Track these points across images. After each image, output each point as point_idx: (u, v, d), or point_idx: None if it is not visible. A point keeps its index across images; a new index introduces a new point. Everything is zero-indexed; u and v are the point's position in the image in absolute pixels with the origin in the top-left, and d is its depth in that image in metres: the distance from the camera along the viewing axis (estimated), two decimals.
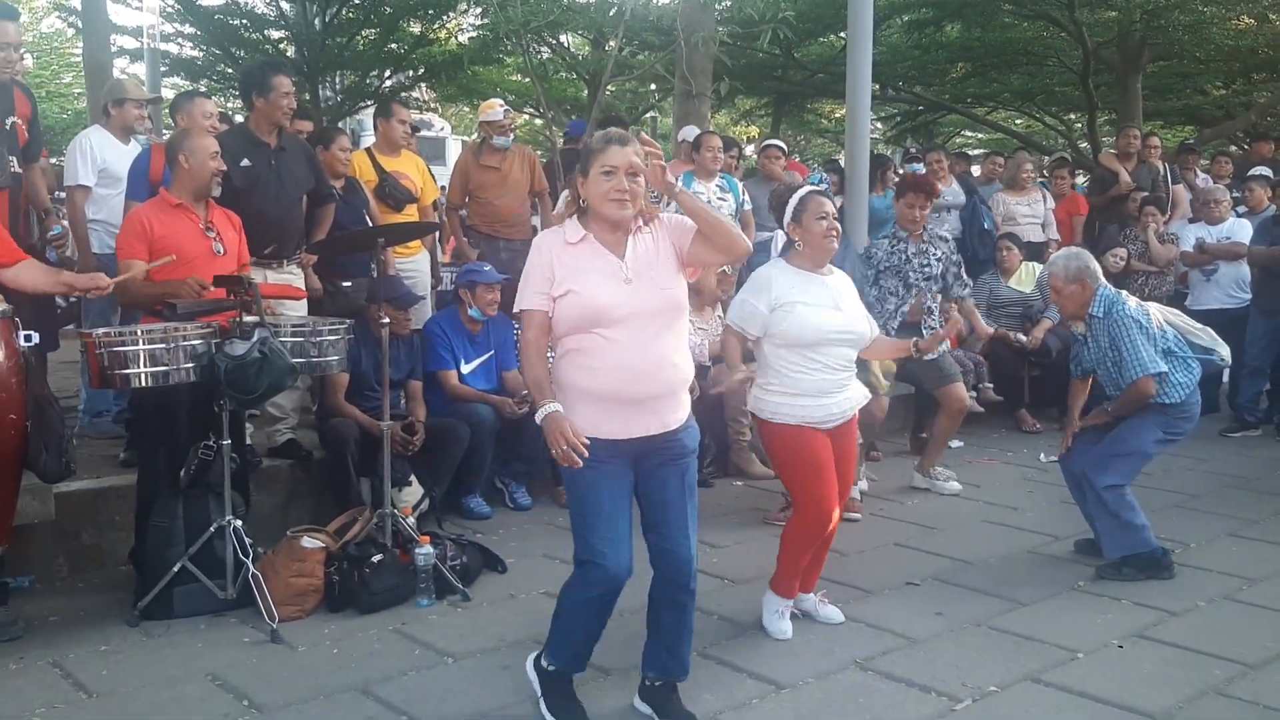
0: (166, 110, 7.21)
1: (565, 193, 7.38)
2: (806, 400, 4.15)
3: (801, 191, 4.31)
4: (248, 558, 4.37)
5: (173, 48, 14.74)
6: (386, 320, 4.84)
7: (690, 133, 8.19)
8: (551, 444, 3.17)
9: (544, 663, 3.54)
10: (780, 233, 5.14)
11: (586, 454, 3.16)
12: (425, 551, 4.56)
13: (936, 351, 4.80)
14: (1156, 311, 5.09)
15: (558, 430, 3.16)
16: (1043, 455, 7.25)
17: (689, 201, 3.27)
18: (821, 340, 4.15)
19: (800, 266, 4.26)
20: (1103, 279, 5.08)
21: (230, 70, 13.96)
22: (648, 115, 20.99)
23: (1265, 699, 3.69)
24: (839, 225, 4.28)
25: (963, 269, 6.46)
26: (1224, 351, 5.17)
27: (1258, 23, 14.90)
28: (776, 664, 3.97)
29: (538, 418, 3.22)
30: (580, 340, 3.25)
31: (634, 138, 3.32)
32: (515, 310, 3.37)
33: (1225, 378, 8.05)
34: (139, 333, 4.18)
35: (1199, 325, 5.21)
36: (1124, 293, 5.11)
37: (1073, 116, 19.17)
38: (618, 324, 3.22)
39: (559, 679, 3.52)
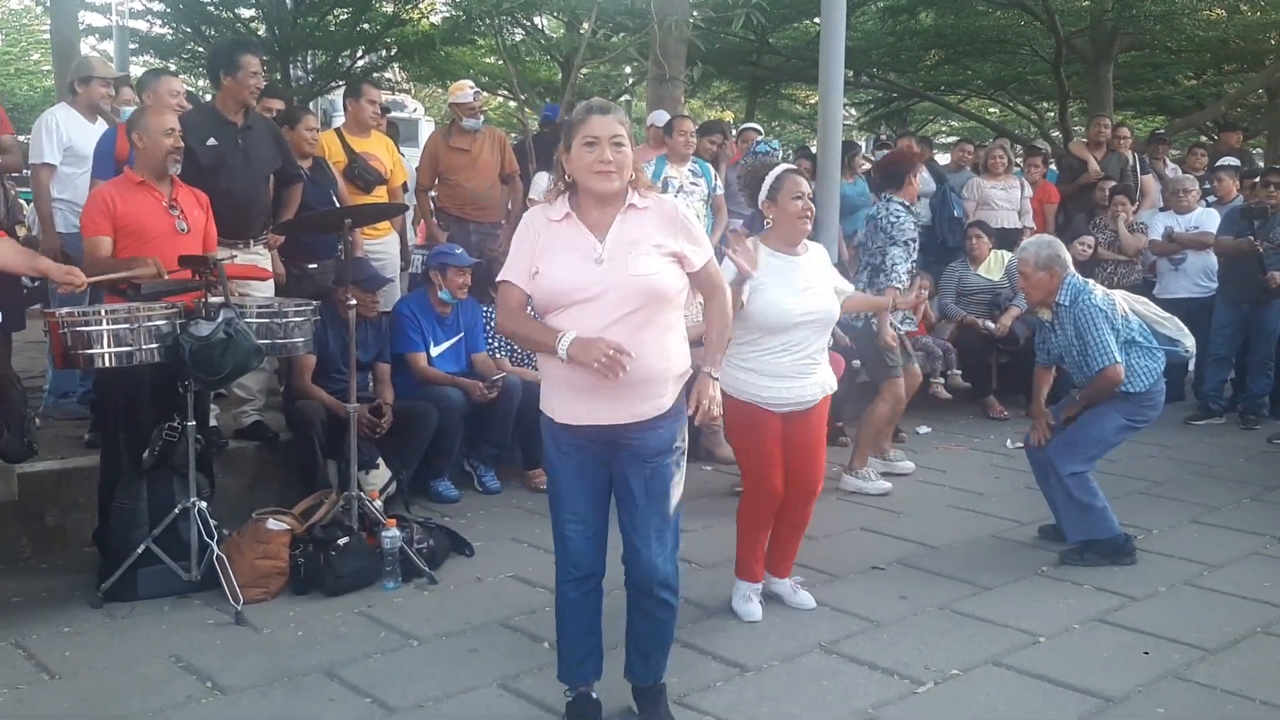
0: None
1: (537, 176, 7.38)
2: (764, 380, 4.16)
3: (778, 169, 4.27)
4: (212, 540, 4.35)
5: (142, 25, 14.63)
6: (353, 302, 4.81)
7: (660, 117, 8.17)
8: (591, 360, 2.97)
9: (564, 693, 3.43)
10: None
11: (632, 356, 2.99)
12: (392, 534, 4.55)
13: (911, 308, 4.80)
14: (1122, 300, 5.13)
15: (592, 345, 2.98)
16: (1009, 441, 7.31)
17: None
18: (788, 325, 4.15)
19: (774, 247, 4.24)
20: (1072, 268, 5.11)
21: (200, 49, 13.83)
22: (622, 99, 20.93)
23: (1222, 683, 3.74)
24: (814, 206, 4.27)
25: None
26: (1189, 342, 5.21)
27: (1228, 14, 15.02)
28: (742, 647, 4.00)
29: (562, 348, 3.02)
30: (551, 320, 3.14)
31: (616, 107, 3.21)
32: (498, 278, 3.26)
33: (1191, 366, 8.14)
34: (103, 312, 4.14)
35: (1165, 315, 5.25)
36: (1091, 281, 5.14)
37: (1045, 105, 19.27)
38: (585, 304, 3.08)
39: (577, 705, 3.39)
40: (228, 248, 5.22)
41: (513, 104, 19.97)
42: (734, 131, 8.79)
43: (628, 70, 17.68)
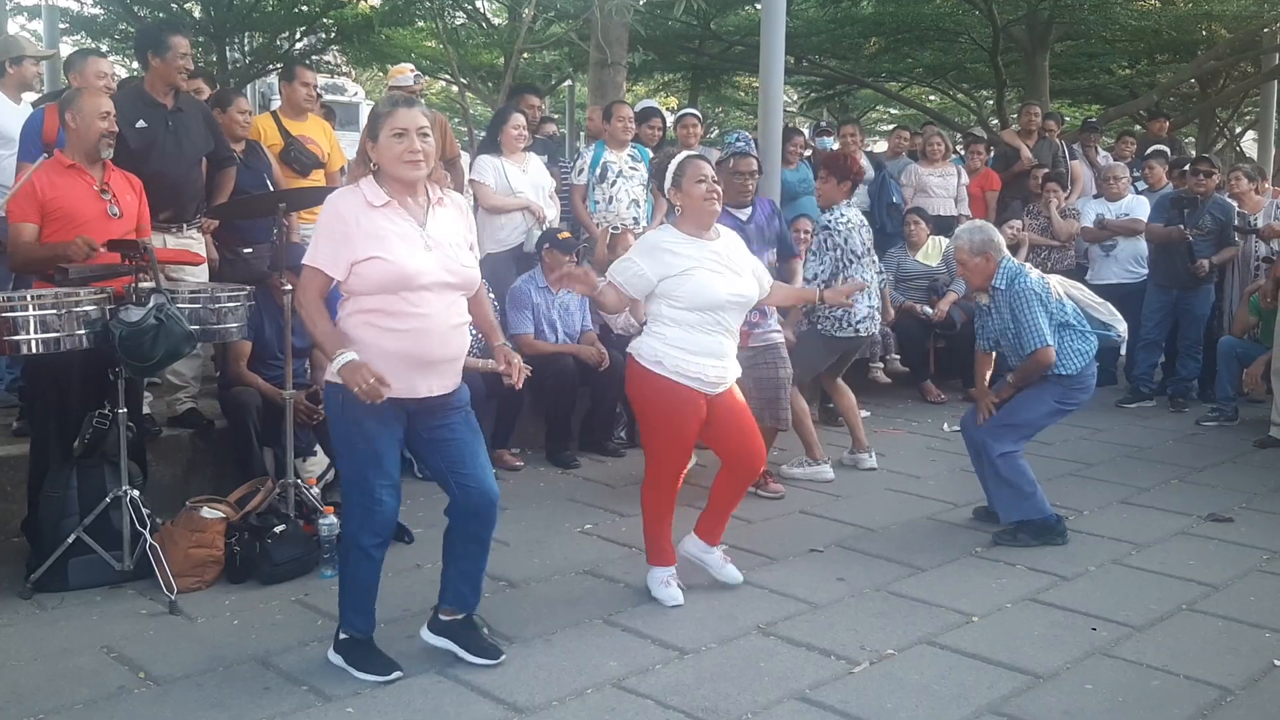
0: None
1: (479, 159, 7.33)
2: (697, 358, 4.19)
3: (680, 156, 4.34)
4: (145, 528, 4.28)
5: (73, 4, 14.29)
6: (289, 287, 4.74)
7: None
8: (355, 384, 3.26)
9: (341, 635, 3.66)
10: None
11: (390, 386, 3.29)
12: (329, 522, 4.51)
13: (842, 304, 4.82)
14: (1057, 284, 5.21)
15: (363, 370, 3.26)
16: (946, 425, 7.41)
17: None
18: (719, 304, 4.20)
19: (687, 233, 4.27)
20: (1006, 251, 5.18)
21: (133, 29, 13.55)
22: (564, 84, 20.86)
23: (1148, 659, 3.83)
24: (719, 189, 4.30)
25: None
26: (1121, 327, 5.31)
27: (1161, 4, 15.27)
28: (679, 630, 4.02)
29: (335, 366, 3.31)
30: (382, 301, 3.36)
31: (420, 101, 3.50)
32: (303, 263, 3.43)
33: (1123, 350, 8.30)
34: (29, 298, 4.05)
35: (1099, 300, 5.35)
36: (1026, 264, 5.23)
37: (983, 93, 19.48)
38: (421, 290, 3.36)
39: (361, 644, 3.64)
40: (159, 233, 5.14)
41: (454, 88, 19.82)
42: (672, 117, 8.72)
43: (568, 54, 17.55)
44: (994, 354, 5.42)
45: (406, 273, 3.33)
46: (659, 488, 4.34)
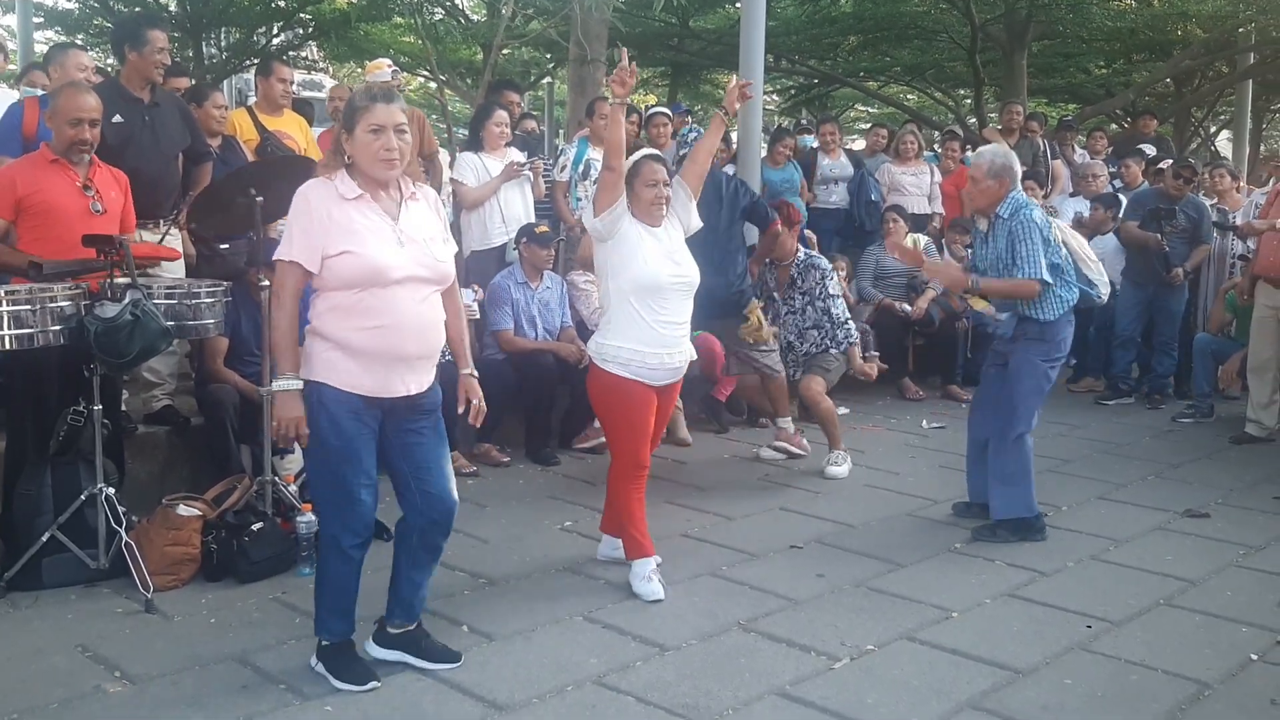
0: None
1: (460, 156, 7.30)
2: (648, 349, 4.29)
3: (636, 156, 4.42)
4: (121, 526, 4.24)
5: None
6: (266, 283, 4.71)
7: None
8: (282, 415, 3.29)
9: (323, 642, 3.57)
10: None
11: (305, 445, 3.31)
12: (307, 519, 4.48)
13: None
14: (1058, 229, 5.15)
15: (298, 419, 3.30)
16: (925, 422, 7.43)
17: None
18: (663, 286, 4.31)
19: (638, 218, 4.39)
20: (1020, 185, 5.14)
21: (109, 24, 13.46)
22: (544, 81, 20.81)
23: (1126, 654, 3.85)
24: (668, 194, 4.40)
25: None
26: (1104, 289, 5.18)
27: (1137, 4, 15.37)
28: (660, 626, 4.02)
29: (277, 386, 3.28)
30: (355, 297, 3.29)
31: (399, 95, 3.40)
32: (277, 257, 3.34)
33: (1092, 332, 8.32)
34: (2, 294, 4.00)
35: (1092, 256, 5.25)
36: (1034, 200, 5.16)
37: (961, 92, 19.55)
38: (395, 285, 3.29)
39: (341, 649, 3.57)
40: (138, 228, 5.08)
41: (432, 84, 19.75)
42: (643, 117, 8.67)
43: (549, 55, 17.52)
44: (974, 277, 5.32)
45: (378, 267, 3.26)
46: (624, 480, 4.42)
